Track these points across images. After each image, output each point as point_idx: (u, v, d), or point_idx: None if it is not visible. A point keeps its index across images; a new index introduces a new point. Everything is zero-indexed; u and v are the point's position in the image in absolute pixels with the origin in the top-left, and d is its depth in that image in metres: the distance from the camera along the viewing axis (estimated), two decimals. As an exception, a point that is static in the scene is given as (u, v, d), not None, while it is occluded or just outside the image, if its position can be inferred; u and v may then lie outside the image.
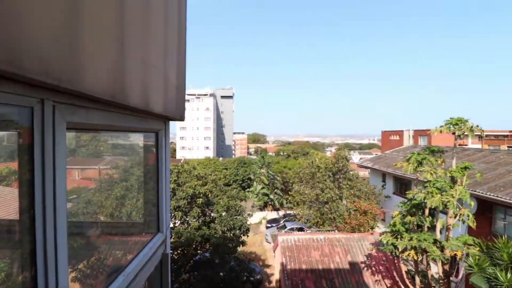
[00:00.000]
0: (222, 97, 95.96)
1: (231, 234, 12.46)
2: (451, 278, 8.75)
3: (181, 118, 2.14)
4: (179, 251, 11.44)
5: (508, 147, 38.50)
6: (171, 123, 2.40)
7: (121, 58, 1.16)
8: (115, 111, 1.27)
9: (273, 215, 30.45)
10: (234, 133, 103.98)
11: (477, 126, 8.32)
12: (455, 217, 8.20)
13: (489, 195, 11.18)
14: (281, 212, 30.81)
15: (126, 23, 1.19)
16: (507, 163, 14.01)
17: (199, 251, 12.03)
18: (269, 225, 25.83)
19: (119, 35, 1.13)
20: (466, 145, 35.07)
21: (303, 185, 22.00)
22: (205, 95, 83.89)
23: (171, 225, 12.28)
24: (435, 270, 9.09)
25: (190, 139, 79.71)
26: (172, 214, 12.04)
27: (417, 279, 9.30)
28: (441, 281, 8.62)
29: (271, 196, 32.22)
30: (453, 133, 8.48)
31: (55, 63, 0.78)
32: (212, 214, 13.35)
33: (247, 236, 13.25)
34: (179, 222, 12.47)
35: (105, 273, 1.61)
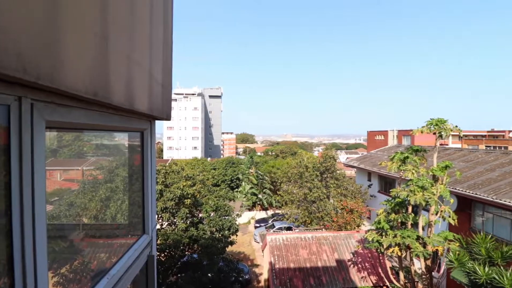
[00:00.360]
0: (211, 96, 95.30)
1: (220, 235, 12.39)
2: (433, 273, 9.07)
3: (167, 118, 2.11)
4: (166, 253, 11.26)
5: (486, 146, 40.33)
6: (158, 122, 2.36)
7: (105, 54, 1.12)
8: (98, 110, 1.23)
9: (261, 214, 30.54)
10: (223, 133, 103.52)
11: (456, 126, 8.67)
12: (436, 214, 8.50)
13: (468, 192, 11.67)
14: (270, 212, 30.95)
15: (110, 18, 1.16)
16: (485, 162, 14.68)
17: (187, 253, 11.89)
18: (257, 224, 25.89)
19: (102, 31, 1.10)
20: (447, 144, 36.48)
21: (291, 185, 22.19)
22: (193, 94, 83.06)
23: (158, 227, 12.07)
24: (418, 265, 9.40)
25: (178, 139, 78.68)
26: (159, 216, 11.84)
27: (401, 275, 9.58)
28: (423, 276, 8.92)
29: (260, 196, 32.30)
30: (434, 133, 8.79)
31: (34, 59, 0.75)
32: (200, 215, 13.24)
33: (236, 235, 13.23)
34: (166, 223, 12.28)
35: (88, 277, 1.56)
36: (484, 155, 15.73)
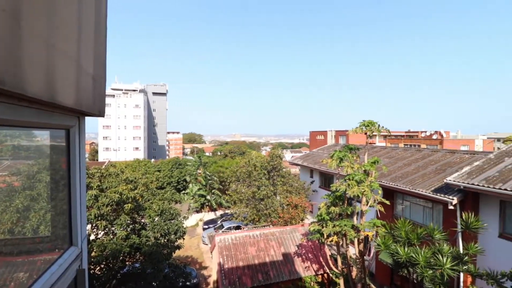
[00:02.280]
0: (154, 93, 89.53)
1: (165, 240, 11.72)
2: (365, 257, 10.23)
3: (100, 114, 1.89)
4: (103, 265, 10.15)
5: (404, 144, 47.31)
6: (91, 120, 2.11)
7: (15, 37, 0.94)
8: (7, 102, 1.03)
9: (210, 216, 30.02)
10: (168, 132, 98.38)
11: (383, 127, 9.95)
12: (367, 204, 9.61)
13: (391, 184, 13.49)
14: (219, 212, 30.64)
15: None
16: (403, 158, 17.17)
17: (127, 263, 10.92)
18: (206, 226, 25.36)
19: (12, 9, 0.92)
20: (374, 143, 41.56)
21: (240, 184, 22.37)
22: (135, 90, 76.79)
23: (93, 237, 10.80)
24: (353, 251, 10.49)
25: (116, 139, 71.80)
26: (94, 224, 10.60)
27: (339, 261, 10.56)
28: (357, 260, 9.99)
29: (208, 197, 31.69)
30: (365, 133, 9.92)
31: None
32: (143, 221, 12.30)
33: (183, 239, 12.71)
34: (102, 232, 11.05)
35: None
36: (403, 152, 18.39)
